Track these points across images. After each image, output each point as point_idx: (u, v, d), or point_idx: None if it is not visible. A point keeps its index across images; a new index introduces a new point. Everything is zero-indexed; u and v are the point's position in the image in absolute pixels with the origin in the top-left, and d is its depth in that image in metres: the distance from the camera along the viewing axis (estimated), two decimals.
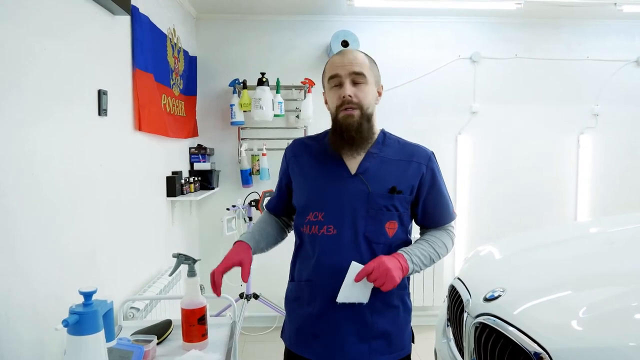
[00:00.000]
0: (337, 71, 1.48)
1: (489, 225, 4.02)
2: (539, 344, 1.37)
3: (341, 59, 1.49)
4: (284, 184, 1.67)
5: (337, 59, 1.51)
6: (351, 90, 1.47)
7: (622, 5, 3.47)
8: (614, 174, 4.10)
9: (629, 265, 1.74)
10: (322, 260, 1.49)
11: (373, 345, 1.50)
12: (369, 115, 1.51)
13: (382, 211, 1.49)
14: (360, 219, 1.49)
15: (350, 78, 1.47)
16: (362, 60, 1.50)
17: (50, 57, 1.67)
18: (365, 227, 1.49)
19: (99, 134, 2.05)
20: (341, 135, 1.49)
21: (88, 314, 1.24)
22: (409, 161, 1.55)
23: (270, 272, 3.69)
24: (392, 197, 1.50)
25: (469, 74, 3.98)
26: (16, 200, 1.48)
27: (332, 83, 1.50)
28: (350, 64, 1.47)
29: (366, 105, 1.49)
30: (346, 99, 1.47)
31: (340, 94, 1.48)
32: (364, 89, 1.49)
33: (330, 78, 1.50)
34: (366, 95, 1.49)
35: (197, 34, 3.85)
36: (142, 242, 2.59)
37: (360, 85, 1.48)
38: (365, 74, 1.48)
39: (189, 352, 1.58)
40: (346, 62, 1.48)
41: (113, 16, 2.18)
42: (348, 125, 1.47)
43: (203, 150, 3.68)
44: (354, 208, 1.49)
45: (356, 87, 1.48)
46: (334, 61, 1.51)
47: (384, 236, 1.50)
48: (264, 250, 1.67)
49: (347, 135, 1.48)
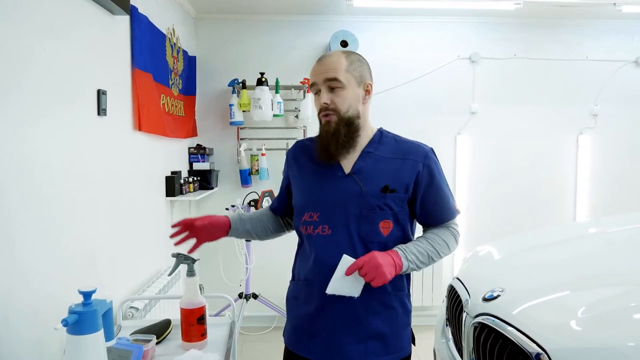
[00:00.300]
0: (313, 79, 1.51)
1: (488, 225, 4.02)
2: (538, 344, 1.37)
3: (318, 66, 1.51)
4: (284, 185, 1.70)
5: (315, 66, 1.52)
6: (327, 97, 1.48)
7: (622, 5, 3.47)
8: (613, 174, 4.10)
9: (627, 266, 1.74)
10: (318, 259, 1.50)
11: (369, 345, 1.50)
12: (349, 119, 1.50)
13: (375, 211, 1.49)
14: (353, 219, 1.49)
15: (326, 85, 1.48)
16: (337, 65, 1.48)
17: (50, 57, 1.67)
18: (358, 227, 1.48)
19: (98, 134, 2.05)
20: (321, 140, 1.53)
21: (87, 314, 1.25)
22: (404, 159, 1.53)
23: (270, 272, 3.70)
24: (385, 196, 1.49)
25: (468, 74, 3.98)
26: (15, 200, 1.48)
27: (313, 91, 1.53)
28: (324, 71, 1.48)
29: (344, 110, 1.49)
30: (322, 106, 1.49)
31: (319, 101, 1.51)
32: (340, 94, 1.48)
33: (311, 86, 1.54)
34: (343, 100, 1.48)
35: (196, 33, 3.85)
36: (141, 241, 2.59)
37: (336, 90, 1.48)
38: (339, 78, 1.47)
39: (188, 352, 1.58)
40: (321, 69, 1.49)
41: (112, 16, 2.18)
42: (325, 131, 1.50)
43: (202, 150, 3.68)
44: (346, 208, 1.49)
45: (333, 93, 1.48)
46: (314, 69, 1.53)
47: (379, 235, 1.49)
48: (250, 232, 1.70)
49: (326, 140, 1.50)
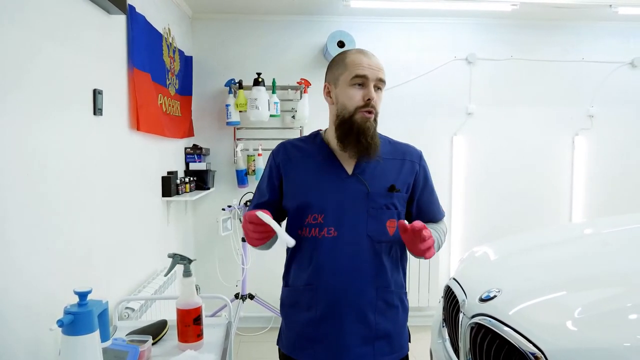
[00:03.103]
0: (365, 72, 1.45)
1: (485, 226, 4.04)
2: (535, 344, 1.38)
3: (369, 61, 1.46)
4: (274, 187, 1.59)
5: (364, 59, 1.47)
6: (375, 95, 1.46)
7: (618, 7, 3.49)
8: (609, 175, 4.12)
9: (624, 266, 1.74)
10: (323, 262, 1.47)
11: (377, 346, 1.50)
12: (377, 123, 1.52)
13: (382, 210, 1.49)
14: (362, 219, 1.48)
15: (375, 83, 1.46)
16: (383, 68, 1.50)
17: (46, 57, 1.67)
18: (367, 227, 1.48)
19: (94, 134, 2.04)
20: (357, 138, 1.45)
21: (83, 314, 1.24)
22: (402, 160, 1.56)
23: (266, 272, 3.69)
24: (392, 196, 1.50)
25: (464, 75, 3.99)
26: (11, 200, 1.47)
27: (355, 81, 1.46)
28: (378, 69, 1.47)
29: (378, 111, 1.51)
30: (369, 102, 1.45)
31: (364, 95, 1.45)
32: (380, 96, 1.50)
33: (355, 76, 1.45)
34: (380, 102, 1.50)
35: (193, 33, 3.84)
36: (137, 242, 2.58)
37: (379, 92, 1.49)
38: (385, 82, 1.50)
39: (185, 353, 1.57)
40: (374, 66, 1.47)
41: (109, 15, 2.17)
42: (366, 128, 1.45)
43: (199, 150, 3.68)
44: (355, 208, 1.48)
45: (377, 93, 1.48)
46: (361, 61, 1.46)
47: (386, 235, 1.49)
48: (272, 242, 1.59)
49: (365, 140, 1.45)
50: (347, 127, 1.46)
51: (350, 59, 1.48)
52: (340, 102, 1.49)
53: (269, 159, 1.62)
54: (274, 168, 1.59)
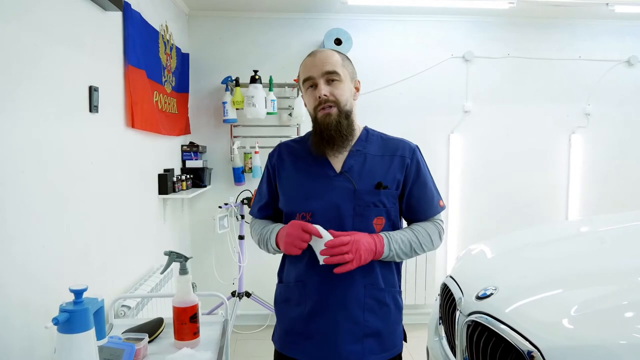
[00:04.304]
0: (310, 73, 1.49)
1: (481, 224, 4.04)
2: (531, 342, 1.38)
3: (312, 60, 1.50)
4: (271, 188, 1.64)
5: (308, 60, 1.52)
6: (326, 89, 1.48)
7: (614, 5, 3.49)
8: (605, 173, 4.13)
9: (620, 264, 1.75)
10: (311, 260, 1.48)
11: (366, 344, 1.50)
12: (347, 112, 1.51)
13: (369, 208, 1.50)
14: (347, 217, 1.49)
15: (324, 78, 1.48)
16: (333, 59, 1.50)
17: (41, 53, 1.65)
18: (352, 225, 1.49)
19: (90, 131, 2.03)
20: (321, 135, 1.50)
21: (78, 312, 1.23)
22: (392, 156, 1.56)
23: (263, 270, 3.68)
24: (379, 193, 1.50)
25: (461, 73, 3.99)
26: (6, 198, 1.46)
27: (307, 85, 1.51)
28: (322, 64, 1.48)
29: (343, 102, 1.50)
30: (322, 98, 1.48)
31: (316, 95, 1.49)
32: (339, 87, 1.50)
33: (304, 80, 1.51)
34: (342, 93, 1.50)
35: (190, 31, 3.82)
36: (133, 239, 2.57)
37: (335, 82, 1.49)
38: (338, 71, 1.49)
39: (181, 351, 1.57)
40: (317, 62, 1.49)
41: (104, 12, 2.16)
42: (327, 124, 1.48)
43: (195, 147, 3.66)
44: (340, 206, 1.49)
45: (331, 86, 1.49)
46: (306, 63, 1.52)
47: (372, 232, 1.49)
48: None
49: (327, 135, 1.48)
50: (314, 127, 1.54)
51: (302, 66, 1.54)
52: (308, 108, 1.57)
53: (267, 161, 1.67)
54: (270, 169, 1.64)
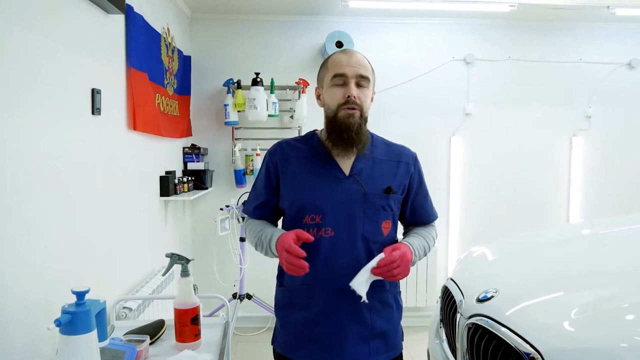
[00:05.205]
0: (343, 70, 1.47)
1: (482, 226, 4.04)
2: (532, 344, 1.38)
3: (348, 59, 1.49)
4: (272, 188, 1.59)
5: (343, 58, 1.50)
6: (355, 91, 1.47)
7: (615, 8, 3.49)
8: (606, 176, 4.13)
9: (620, 267, 1.75)
10: (323, 262, 1.48)
11: (372, 345, 1.51)
12: (366, 118, 1.52)
13: (379, 211, 1.51)
14: (358, 220, 1.49)
15: (356, 80, 1.48)
16: (366, 64, 1.51)
17: (44, 56, 1.66)
18: (363, 228, 1.50)
19: (92, 133, 2.04)
20: (340, 134, 1.47)
21: (80, 314, 1.24)
22: (398, 161, 1.58)
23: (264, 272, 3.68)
24: (388, 197, 1.52)
25: (462, 75, 3.99)
26: (8, 199, 1.47)
27: (336, 81, 1.49)
28: (357, 66, 1.48)
29: (365, 108, 1.51)
30: (351, 98, 1.47)
31: (344, 93, 1.47)
32: (366, 93, 1.50)
33: (334, 76, 1.49)
34: (367, 99, 1.51)
35: (191, 33, 3.83)
36: (135, 241, 2.58)
37: (363, 88, 1.49)
38: (369, 78, 1.50)
39: (182, 352, 1.57)
40: (353, 63, 1.48)
41: (107, 15, 2.17)
42: (349, 124, 1.47)
43: (197, 150, 3.67)
44: (351, 209, 1.49)
45: (359, 90, 1.49)
46: (340, 60, 1.50)
47: (380, 235, 1.52)
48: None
49: (348, 135, 1.47)
50: (332, 125, 1.50)
51: (331, 60, 1.52)
52: (326, 103, 1.54)
53: (265, 159, 1.62)
54: (271, 167, 1.58)
